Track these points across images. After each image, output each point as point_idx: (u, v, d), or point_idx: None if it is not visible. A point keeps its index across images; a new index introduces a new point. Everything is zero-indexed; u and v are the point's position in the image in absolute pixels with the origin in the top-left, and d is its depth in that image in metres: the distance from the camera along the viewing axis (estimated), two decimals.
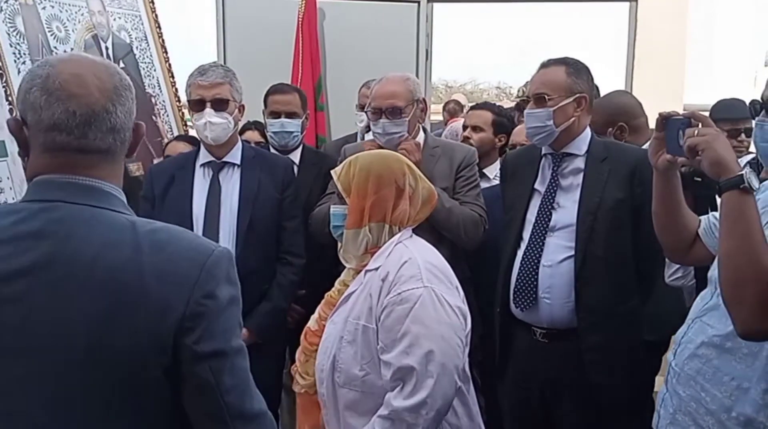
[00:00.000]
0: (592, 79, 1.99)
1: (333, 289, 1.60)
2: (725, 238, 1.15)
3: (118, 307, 0.90)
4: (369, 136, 2.81)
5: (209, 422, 0.96)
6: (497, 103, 3.66)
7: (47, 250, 0.91)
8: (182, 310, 0.91)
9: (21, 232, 0.92)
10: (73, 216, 0.93)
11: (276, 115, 2.59)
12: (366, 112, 2.35)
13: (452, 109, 6.29)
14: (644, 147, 2.37)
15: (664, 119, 1.36)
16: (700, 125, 1.28)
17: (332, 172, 1.58)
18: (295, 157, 2.63)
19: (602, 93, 3.28)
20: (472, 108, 2.96)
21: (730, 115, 2.59)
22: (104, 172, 0.98)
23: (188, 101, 2.21)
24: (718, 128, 1.27)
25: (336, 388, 1.45)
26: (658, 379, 2.43)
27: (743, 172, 1.14)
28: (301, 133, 2.64)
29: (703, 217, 1.50)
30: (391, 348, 1.39)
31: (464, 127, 2.84)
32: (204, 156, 2.20)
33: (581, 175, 1.95)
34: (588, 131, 2.01)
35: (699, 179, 2.03)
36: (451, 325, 1.41)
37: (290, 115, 2.58)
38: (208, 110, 2.10)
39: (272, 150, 2.65)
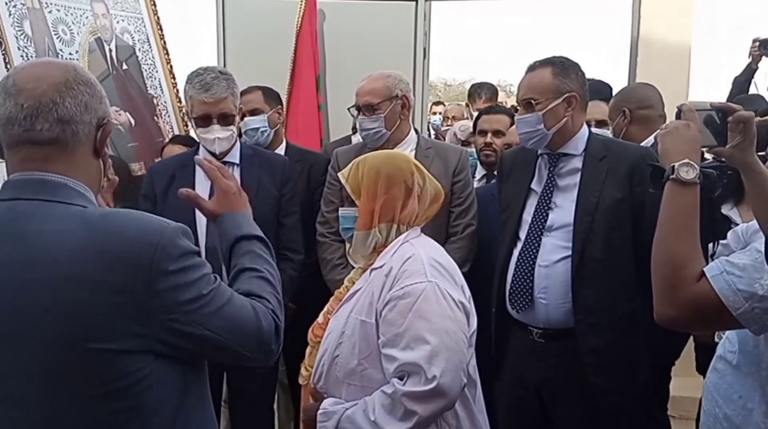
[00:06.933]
0: (583, 75, 1.96)
1: (342, 286, 1.62)
2: (657, 226, 1.19)
3: (74, 295, 0.95)
4: (357, 138, 2.85)
5: None
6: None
7: (6, 249, 0.97)
8: (142, 290, 0.96)
9: None
10: (26, 213, 0.99)
11: (242, 115, 2.65)
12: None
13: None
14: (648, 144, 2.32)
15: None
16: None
17: (339, 174, 1.59)
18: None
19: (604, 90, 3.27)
20: (486, 112, 2.87)
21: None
22: (60, 166, 1.02)
23: (189, 114, 2.23)
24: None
25: (336, 382, 1.47)
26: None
27: (675, 163, 1.17)
28: (270, 128, 2.67)
29: None
30: (394, 342, 1.38)
31: (483, 132, 2.78)
32: (204, 155, 2.22)
33: (578, 174, 1.92)
34: (585, 130, 1.98)
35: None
36: (455, 320, 1.40)
37: (252, 112, 2.64)
38: (216, 126, 2.15)
39: None
